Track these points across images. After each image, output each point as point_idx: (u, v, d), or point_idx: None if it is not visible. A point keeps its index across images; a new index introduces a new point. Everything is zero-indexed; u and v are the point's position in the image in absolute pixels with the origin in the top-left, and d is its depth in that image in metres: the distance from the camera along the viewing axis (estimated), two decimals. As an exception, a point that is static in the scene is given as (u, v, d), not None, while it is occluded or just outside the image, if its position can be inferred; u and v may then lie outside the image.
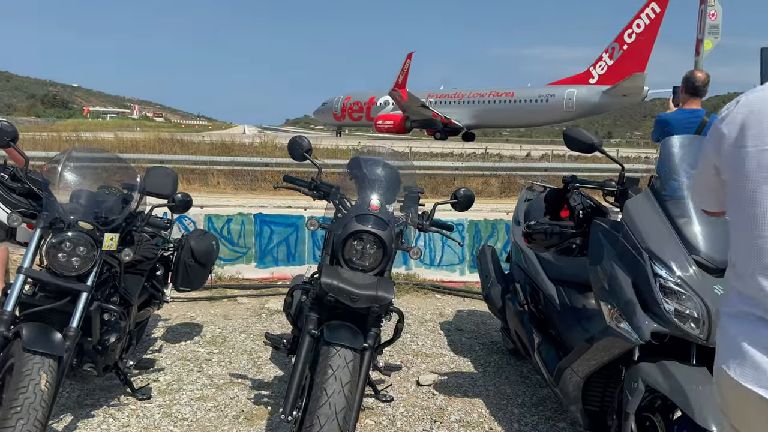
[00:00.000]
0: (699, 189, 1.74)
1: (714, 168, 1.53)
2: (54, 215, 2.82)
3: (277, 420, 3.25)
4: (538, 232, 3.23)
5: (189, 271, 3.86)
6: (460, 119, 40.74)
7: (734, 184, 1.45)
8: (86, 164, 3.14)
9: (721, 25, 8.24)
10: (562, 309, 3.39)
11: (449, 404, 3.56)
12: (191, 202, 3.37)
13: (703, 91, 4.80)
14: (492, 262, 4.30)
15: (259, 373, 3.91)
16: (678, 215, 2.60)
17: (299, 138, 3.32)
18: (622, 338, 2.51)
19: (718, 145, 1.51)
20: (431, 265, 6.22)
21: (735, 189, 1.44)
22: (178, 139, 15.59)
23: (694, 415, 2.20)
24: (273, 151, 14.14)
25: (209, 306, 5.31)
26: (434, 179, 11.70)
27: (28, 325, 2.63)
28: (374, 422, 3.30)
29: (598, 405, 2.91)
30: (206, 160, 11.54)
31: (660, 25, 34.12)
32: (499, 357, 4.37)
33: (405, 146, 18.52)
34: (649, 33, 34.38)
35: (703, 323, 2.36)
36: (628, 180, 3.07)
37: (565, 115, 38.12)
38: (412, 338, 4.66)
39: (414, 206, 3.17)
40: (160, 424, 3.19)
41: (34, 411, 2.38)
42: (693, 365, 2.46)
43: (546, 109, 38.55)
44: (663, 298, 2.43)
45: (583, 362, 2.81)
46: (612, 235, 2.75)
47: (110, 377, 3.51)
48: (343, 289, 2.65)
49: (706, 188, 1.64)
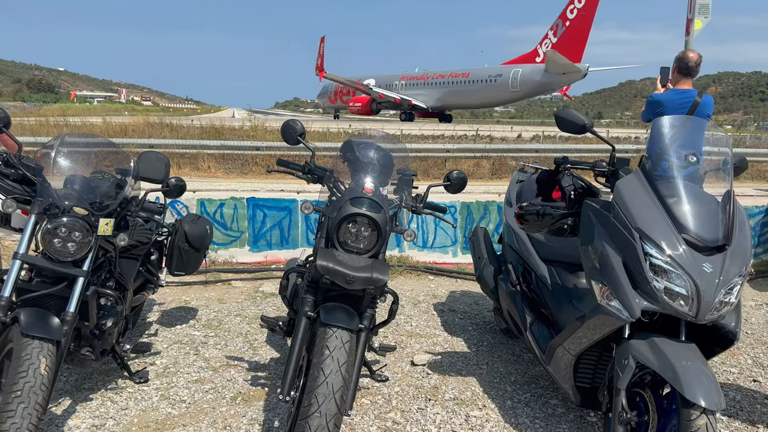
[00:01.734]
0: None
1: None
2: (49, 201, 2.83)
3: (274, 400, 3.30)
4: (530, 213, 3.26)
5: (183, 255, 3.88)
6: (426, 101, 41.12)
7: None
8: (80, 149, 3.14)
9: (710, 3, 8.26)
10: (553, 288, 3.44)
11: (443, 383, 3.62)
12: (185, 187, 3.38)
13: (695, 72, 4.83)
14: (484, 244, 4.34)
15: (255, 355, 3.95)
16: (668, 195, 2.64)
17: (292, 122, 3.32)
18: (613, 316, 2.56)
19: None
20: (424, 247, 6.26)
21: None
22: (167, 123, 15.42)
23: (684, 390, 2.26)
24: (263, 134, 14.03)
25: (203, 290, 5.33)
26: (425, 161, 11.69)
27: (25, 311, 2.64)
28: (370, 401, 3.35)
29: (589, 382, 2.98)
30: (196, 144, 11.45)
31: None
32: (491, 336, 4.44)
33: (396, 129, 18.47)
34: (590, 7, 34.17)
35: (692, 300, 2.41)
36: (618, 160, 3.10)
37: (511, 95, 38.39)
38: (406, 319, 4.71)
39: (407, 189, 3.20)
40: (158, 407, 3.23)
41: (34, 395, 2.41)
42: (682, 342, 2.52)
43: (495, 88, 38.57)
44: (653, 276, 2.48)
45: (574, 340, 2.86)
46: (603, 215, 2.79)
47: (107, 361, 3.54)
48: (339, 272, 2.68)
49: None
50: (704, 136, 2.93)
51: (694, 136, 2.91)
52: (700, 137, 2.92)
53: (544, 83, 36.60)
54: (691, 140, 2.87)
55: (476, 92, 39.42)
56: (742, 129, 24.88)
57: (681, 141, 2.83)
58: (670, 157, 2.76)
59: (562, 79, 36.05)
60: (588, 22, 34.44)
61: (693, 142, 2.86)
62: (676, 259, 2.46)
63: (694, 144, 2.85)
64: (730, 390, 3.63)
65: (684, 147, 2.80)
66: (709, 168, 2.94)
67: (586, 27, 34.56)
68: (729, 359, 4.08)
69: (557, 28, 36.08)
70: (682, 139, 2.85)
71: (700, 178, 2.84)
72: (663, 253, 2.48)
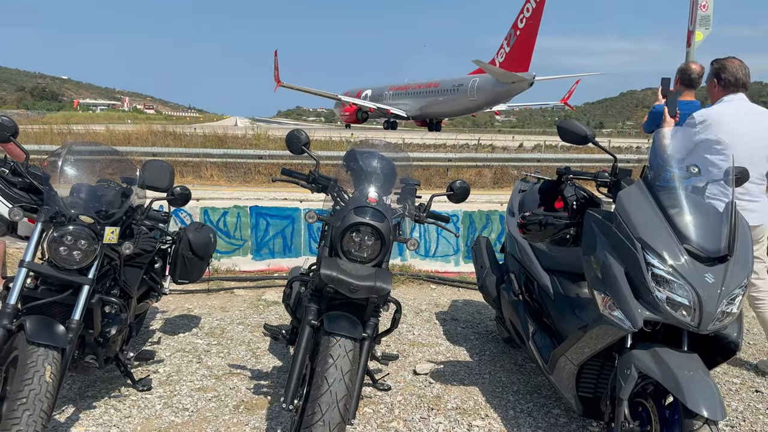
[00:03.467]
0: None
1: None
2: (55, 209, 2.85)
3: (277, 409, 3.30)
4: (532, 222, 3.28)
5: (187, 263, 3.89)
6: (408, 110, 42.74)
7: None
8: (86, 158, 3.16)
9: (712, 16, 8.29)
10: (556, 298, 3.45)
11: (446, 392, 3.63)
12: (190, 196, 3.40)
13: (698, 83, 4.85)
14: (487, 253, 4.35)
15: (257, 363, 3.96)
16: (670, 205, 2.66)
17: (297, 131, 3.35)
18: (616, 326, 2.57)
19: None
20: (426, 256, 6.27)
21: None
22: (170, 131, 15.50)
23: (686, 400, 2.26)
24: (266, 143, 14.10)
25: (206, 298, 5.34)
26: (428, 170, 11.73)
27: (31, 318, 2.66)
28: (372, 410, 3.35)
29: (591, 392, 2.98)
30: (199, 153, 11.51)
31: (543, 7, 35.04)
32: (494, 346, 4.44)
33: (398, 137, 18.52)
34: (535, 16, 35.35)
35: (695, 311, 2.42)
36: (620, 171, 3.11)
37: (470, 104, 39.52)
38: (409, 328, 4.72)
39: (411, 198, 3.22)
40: (161, 415, 3.24)
41: (39, 402, 2.42)
42: (684, 352, 2.52)
43: (457, 98, 39.84)
44: (655, 286, 2.49)
45: (577, 350, 2.87)
46: (605, 225, 2.80)
47: (111, 369, 3.55)
48: (343, 281, 2.70)
49: None
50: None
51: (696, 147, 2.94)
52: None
53: (497, 92, 37.70)
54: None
55: (445, 101, 40.79)
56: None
57: (683, 152, 2.85)
58: (672, 167, 2.78)
59: (512, 87, 37.08)
60: (534, 32, 35.67)
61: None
62: (678, 270, 2.47)
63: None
64: (732, 400, 3.63)
65: (686, 158, 2.82)
66: (710, 179, 2.96)
67: (532, 36, 35.83)
68: (731, 369, 4.08)
69: (510, 38, 37.26)
70: (684, 151, 2.87)
71: (702, 189, 2.86)
72: (665, 264, 2.49)
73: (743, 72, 3.84)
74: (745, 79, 3.87)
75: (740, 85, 3.86)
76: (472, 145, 18.29)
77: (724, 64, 3.88)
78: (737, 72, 3.84)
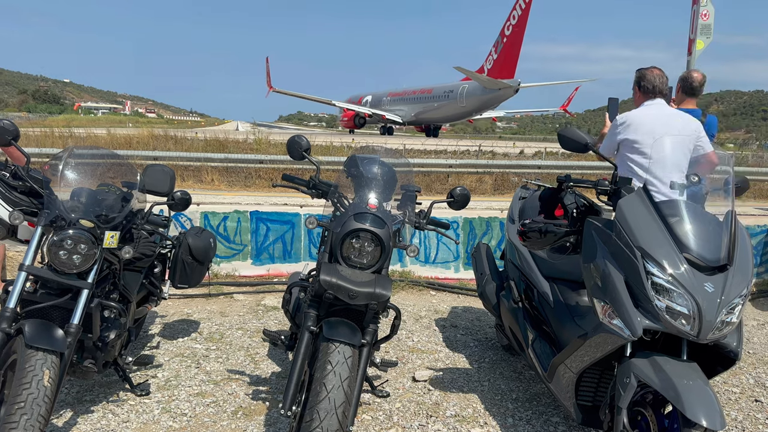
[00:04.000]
0: None
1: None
2: (55, 213, 2.85)
3: (275, 415, 3.30)
4: (532, 230, 3.28)
5: (187, 268, 3.89)
6: (403, 116, 43.47)
7: None
8: (87, 162, 3.17)
9: (713, 24, 8.32)
10: (555, 306, 3.44)
11: (445, 399, 3.62)
12: (190, 200, 3.40)
13: (699, 92, 4.87)
14: (487, 260, 4.35)
15: (256, 369, 3.95)
16: (670, 214, 2.66)
17: (298, 137, 3.35)
18: (615, 334, 2.57)
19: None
20: (426, 263, 6.27)
21: None
22: (171, 135, 15.50)
23: (685, 409, 2.26)
24: (267, 148, 14.10)
25: (206, 303, 5.34)
26: (428, 176, 11.74)
27: (30, 322, 2.66)
28: (371, 417, 3.34)
29: (591, 400, 2.98)
30: (200, 157, 11.52)
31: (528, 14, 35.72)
32: (493, 353, 4.43)
33: (399, 143, 18.54)
34: (521, 24, 35.97)
35: (694, 320, 2.42)
36: (621, 179, 3.11)
37: (460, 110, 40.00)
38: (408, 335, 4.71)
39: (411, 205, 3.22)
40: (159, 420, 3.23)
41: (37, 406, 2.42)
42: (684, 361, 2.52)
43: (448, 104, 40.34)
44: (655, 295, 2.49)
45: (576, 358, 2.86)
46: (605, 233, 2.80)
47: (109, 373, 3.56)
48: (342, 287, 2.70)
49: None
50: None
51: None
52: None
53: (485, 99, 38.24)
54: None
55: (438, 107, 41.26)
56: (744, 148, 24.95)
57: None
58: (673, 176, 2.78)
59: (499, 94, 37.65)
60: (519, 39, 36.23)
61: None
62: (678, 279, 2.47)
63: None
64: (731, 410, 3.62)
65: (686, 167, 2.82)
66: (711, 188, 2.97)
67: (518, 44, 36.38)
68: (731, 379, 4.07)
69: (498, 45, 37.80)
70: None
71: (702, 198, 2.86)
72: (665, 272, 2.50)
73: (660, 81, 4.19)
74: (662, 87, 4.21)
75: (657, 92, 4.20)
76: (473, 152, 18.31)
77: (644, 73, 4.25)
78: (655, 80, 4.19)
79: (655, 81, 4.23)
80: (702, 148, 4.01)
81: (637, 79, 4.29)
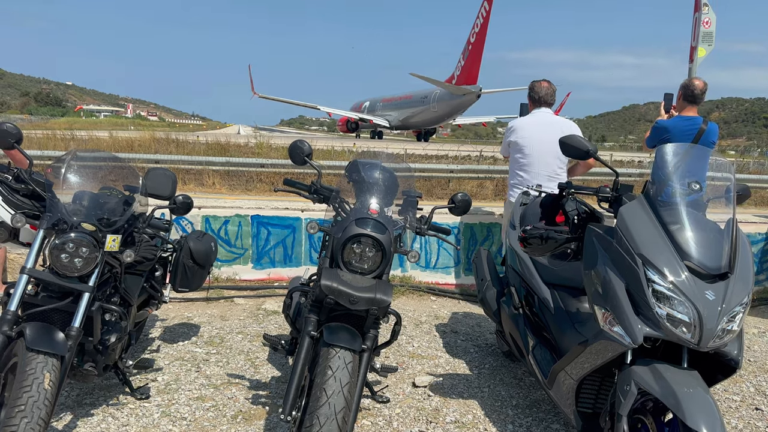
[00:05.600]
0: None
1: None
2: (57, 216, 2.86)
3: (275, 420, 3.29)
4: (533, 236, 3.28)
5: (188, 272, 3.90)
6: (392, 120, 44.82)
7: None
8: (89, 165, 3.18)
9: (715, 32, 8.33)
10: (556, 312, 3.44)
11: (445, 405, 3.61)
12: (192, 204, 3.41)
13: (701, 99, 4.91)
14: (487, 265, 4.35)
15: (256, 373, 3.95)
16: (671, 222, 2.66)
17: (300, 142, 3.36)
18: (616, 342, 2.56)
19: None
20: (427, 268, 6.27)
21: None
22: (173, 138, 15.47)
23: (685, 417, 2.25)
24: (268, 151, 14.08)
25: (206, 306, 5.34)
26: (429, 181, 11.72)
27: (31, 325, 2.66)
28: (371, 423, 3.34)
29: (591, 407, 2.97)
30: (202, 161, 11.50)
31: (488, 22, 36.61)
32: (493, 359, 4.43)
33: (400, 148, 18.54)
34: (483, 32, 36.95)
35: (695, 328, 2.41)
36: (622, 186, 3.12)
37: (433, 115, 41.00)
38: (408, 340, 4.71)
39: (412, 210, 3.22)
40: (159, 424, 3.23)
41: (37, 409, 2.42)
42: (684, 368, 2.52)
43: (424, 110, 41.35)
44: (655, 302, 2.48)
45: (576, 365, 2.86)
46: (606, 240, 2.80)
47: (109, 377, 3.55)
48: (343, 292, 2.70)
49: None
50: (708, 164, 2.97)
51: (697, 163, 2.95)
52: (703, 165, 2.95)
53: (453, 104, 39.22)
54: (694, 168, 2.90)
55: (416, 112, 42.34)
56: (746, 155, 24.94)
57: (684, 168, 2.86)
58: (674, 184, 2.78)
59: (464, 100, 38.64)
60: (480, 47, 37.19)
61: (696, 170, 2.89)
62: (679, 286, 2.47)
63: (698, 171, 2.88)
64: (732, 418, 3.61)
65: (687, 174, 2.83)
66: (712, 195, 2.97)
67: (480, 51, 37.34)
68: (731, 387, 4.06)
69: (465, 52, 38.70)
70: (686, 167, 2.87)
71: (703, 206, 2.86)
72: (665, 280, 2.49)
73: (546, 92, 4.91)
74: (547, 98, 4.93)
75: (543, 102, 4.93)
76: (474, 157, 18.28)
77: (534, 85, 4.96)
78: (541, 91, 4.90)
79: (541, 92, 4.92)
80: None
81: (528, 89, 4.98)
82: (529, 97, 5.01)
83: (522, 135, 4.83)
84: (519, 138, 4.84)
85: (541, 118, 4.89)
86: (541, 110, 4.94)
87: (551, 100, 5.00)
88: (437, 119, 42.26)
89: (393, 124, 45.19)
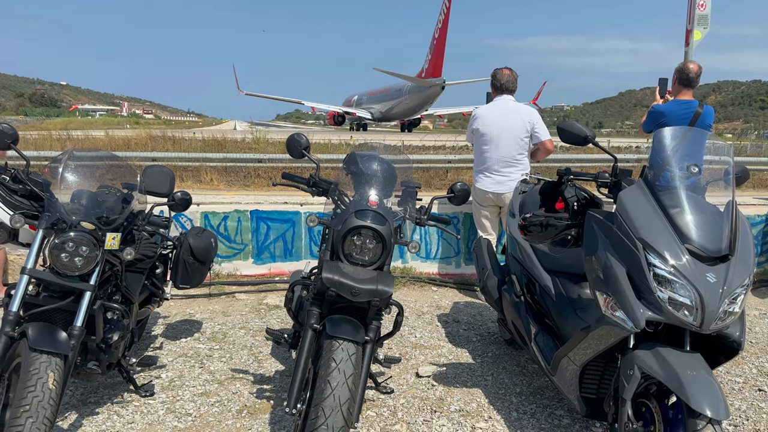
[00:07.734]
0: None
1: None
2: (56, 216, 2.85)
3: (280, 413, 3.30)
4: (533, 224, 3.28)
5: (188, 268, 3.89)
6: (374, 113, 46.45)
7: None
8: (87, 164, 3.17)
9: (710, 15, 8.30)
10: (558, 299, 3.45)
11: (448, 394, 3.62)
12: (191, 201, 3.40)
13: (696, 83, 4.91)
14: (488, 254, 4.35)
15: (260, 367, 3.96)
16: (670, 205, 2.66)
17: (297, 135, 3.35)
18: (618, 326, 2.57)
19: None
20: (427, 258, 6.27)
21: None
22: (169, 136, 15.45)
23: (689, 399, 2.26)
24: (265, 146, 14.06)
25: (208, 303, 5.34)
26: (427, 172, 11.71)
27: (33, 325, 2.66)
28: (375, 413, 3.35)
29: (594, 392, 2.98)
30: (199, 157, 11.48)
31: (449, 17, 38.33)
32: (496, 347, 4.44)
33: (398, 139, 18.52)
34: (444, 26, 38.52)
35: (697, 310, 2.42)
36: (621, 171, 3.11)
37: (406, 107, 42.49)
38: (411, 331, 4.72)
39: (412, 201, 3.22)
40: (164, 420, 3.23)
41: (42, 409, 2.42)
42: (687, 351, 2.52)
43: (399, 102, 42.77)
44: (657, 286, 2.49)
45: (579, 351, 2.87)
46: (606, 225, 2.80)
47: (113, 375, 3.56)
48: (344, 284, 2.70)
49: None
50: (705, 146, 2.96)
51: (695, 146, 2.95)
52: (701, 148, 2.95)
53: (421, 96, 40.72)
54: (692, 151, 2.90)
55: (395, 105, 43.66)
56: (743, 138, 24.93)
57: (683, 152, 2.86)
58: (672, 167, 2.78)
59: (430, 92, 40.19)
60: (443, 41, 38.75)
61: (694, 153, 2.89)
62: (680, 269, 2.47)
63: (696, 155, 2.88)
64: (735, 399, 3.63)
65: (686, 158, 2.82)
66: (711, 178, 2.97)
67: (442, 44, 38.95)
68: (734, 369, 4.08)
69: (431, 47, 40.21)
70: (684, 150, 2.87)
71: (702, 189, 2.86)
72: (666, 264, 2.50)
73: (507, 79, 5.05)
74: (509, 85, 5.07)
75: (504, 89, 5.08)
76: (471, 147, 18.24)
77: (495, 72, 5.10)
78: (502, 78, 5.05)
79: (503, 79, 5.05)
80: (537, 136, 5.04)
81: (491, 77, 5.11)
82: (491, 85, 5.15)
83: (483, 122, 5.02)
84: (481, 125, 5.03)
85: (503, 105, 5.05)
86: (503, 97, 5.09)
87: (513, 87, 5.11)
88: (411, 110, 43.42)
89: (376, 117, 46.53)
